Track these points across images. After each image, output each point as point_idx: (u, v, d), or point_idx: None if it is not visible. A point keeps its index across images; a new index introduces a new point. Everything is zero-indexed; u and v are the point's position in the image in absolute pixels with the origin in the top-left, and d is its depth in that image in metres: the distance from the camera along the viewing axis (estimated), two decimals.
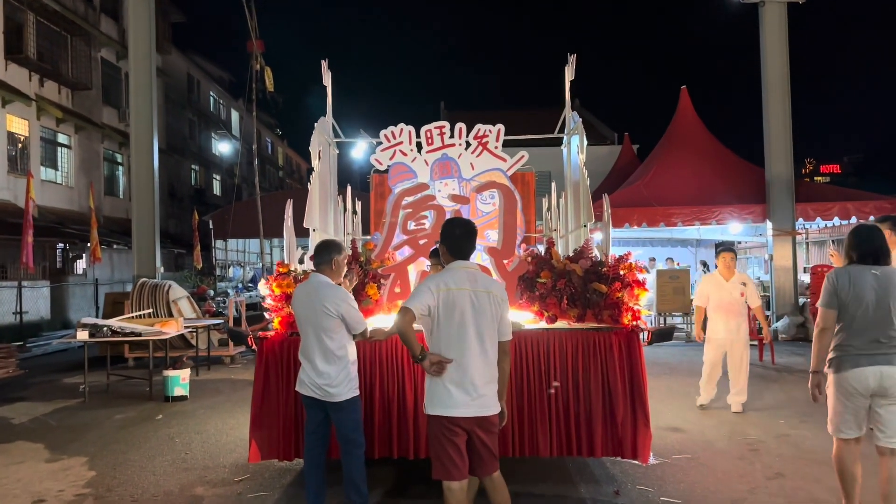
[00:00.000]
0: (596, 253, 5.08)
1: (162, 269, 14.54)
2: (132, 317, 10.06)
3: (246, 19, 19.97)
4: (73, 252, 21.04)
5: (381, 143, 5.56)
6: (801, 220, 14.51)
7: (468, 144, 5.54)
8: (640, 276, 4.71)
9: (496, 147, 5.48)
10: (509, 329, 3.49)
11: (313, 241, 5.60)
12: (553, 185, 7.93)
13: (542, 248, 5.99)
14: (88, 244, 16.57)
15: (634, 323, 4.71)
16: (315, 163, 5.95)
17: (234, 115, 41.62)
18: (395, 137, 5.52)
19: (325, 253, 4.28)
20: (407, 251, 5.12)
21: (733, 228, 16.90)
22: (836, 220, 14.65)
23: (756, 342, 11.38)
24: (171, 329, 9.28)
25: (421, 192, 5.18)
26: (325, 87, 6.62)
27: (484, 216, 5.44)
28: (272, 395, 4.79)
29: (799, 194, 14.36)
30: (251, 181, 30.35)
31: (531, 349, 4.73)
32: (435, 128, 5.50)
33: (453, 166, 5.47)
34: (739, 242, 23.52)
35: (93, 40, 23.21)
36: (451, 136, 5.53)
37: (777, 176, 14.27)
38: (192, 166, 35.56)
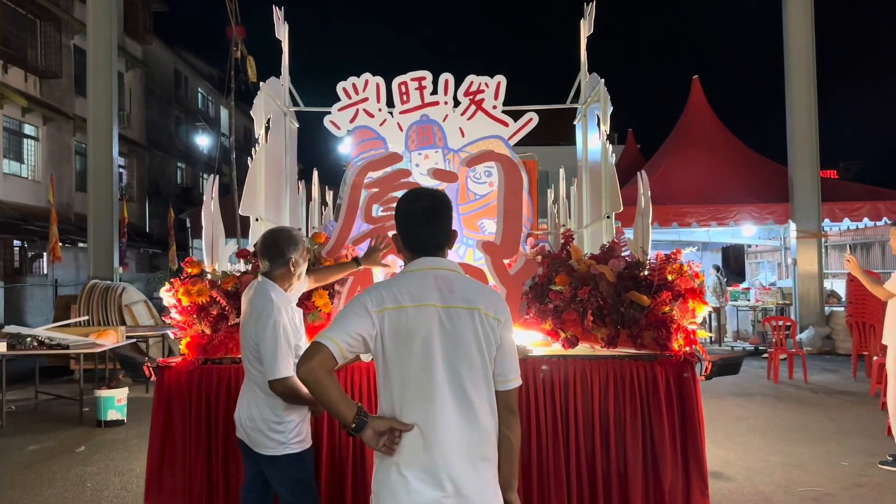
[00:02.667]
0: (629, 251, 3.72)
1: (121, 270, 13.11)
2: (63, 325, 8.64)
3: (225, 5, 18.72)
4: (33, 251, 19.56)
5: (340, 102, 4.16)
6: (826, 220, 13.19)
7: (457, 103, 4.16)
8: (696, 283, 3.34)
9: (495, 107, 4.09)
10: (514, 369, 2.10)
11: (256, 234, 4.23)
12: (561, 171, 6.56)
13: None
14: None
15: (689, 349, 3.35)
16: (260, 132, 4.59)
17: (224, 113, 40.24)
18: (357, 92, 4.12)
19: (277, 251, 2.91)
20: None
21: (746, 230, 15.67)
22: (866, 221, 13.35)
23: (786, 356, 10.08)
24: (109, 340, 7.88)
25: (392, 166, 3.75)
26: (280, 41, 5.26)
27: (477, 199, 4.06)
28: (177, 448, 3.40)
29: (824, 193, 13.05)
30: (241, 179, 28.62)
31: (542, 384, 3.38)
32: (412, 80, 4.08)
33: (436, 132, 4.09)
34: (749, 246, 22.27)
35: (64, 26, 21.78)
36: (435, 92, 4.13)
37: (801, 172, 12.95)
38: (179, 164, 34.22)
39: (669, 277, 3.36)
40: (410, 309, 1.97)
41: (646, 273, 3.48)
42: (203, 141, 34.17)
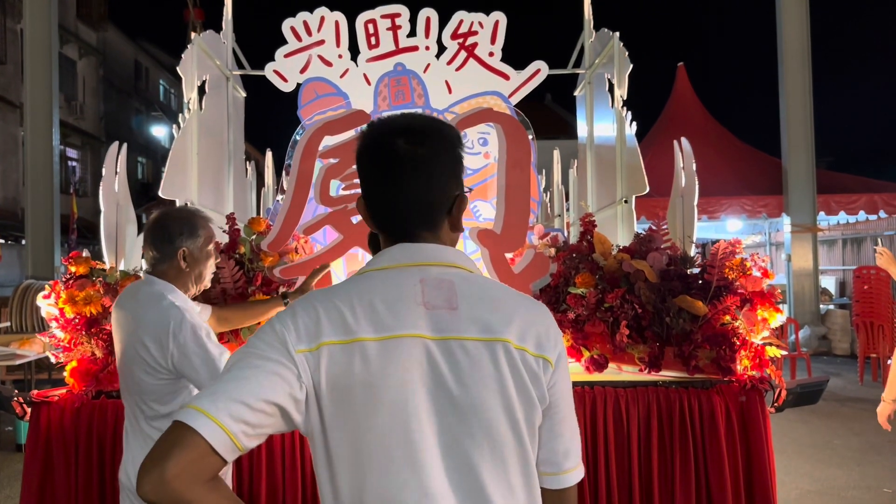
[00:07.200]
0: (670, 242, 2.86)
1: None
2: None
3: None
4: None
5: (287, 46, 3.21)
6: (822, 213, 12.56)
7: (442, 48, 3.26)
8: (766, 284, 2.49)
9: (491, 54, 3.19)
10: (574, 450, 1.16)
11: None
12: (556, 152, 5.70)
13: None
14: None
15: (757, 374, 2.50)
16: (191, 95, 3.64)
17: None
18: (309, 33, 3.20)
19: (163, 236, 2.01)
20: (329, 236, 2.82)
21: (731, 225, 15.04)
22: (860, 215, 12.75)
23: (787, 358, 9.36)
24: (34, 350, 6.85)
25: (356, 129, 2.82)
26: None
27: (469, 175, 3.18)
28: None
29: (819, 185, 12.42)
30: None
31: None
32: (383, 17, 3.16)
33: (415, 86, 3.18)
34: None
35: (10, 10, 20.43)
36: (413, 34, 3.22)
37: (796, 162, 12.31)
38: (139, 159, 32.88)
39: (730, 276, 2.50)
40: (372, 343, 1.03)
41: (696, 271, 2.62)
42: (163, 133, 32.90)
